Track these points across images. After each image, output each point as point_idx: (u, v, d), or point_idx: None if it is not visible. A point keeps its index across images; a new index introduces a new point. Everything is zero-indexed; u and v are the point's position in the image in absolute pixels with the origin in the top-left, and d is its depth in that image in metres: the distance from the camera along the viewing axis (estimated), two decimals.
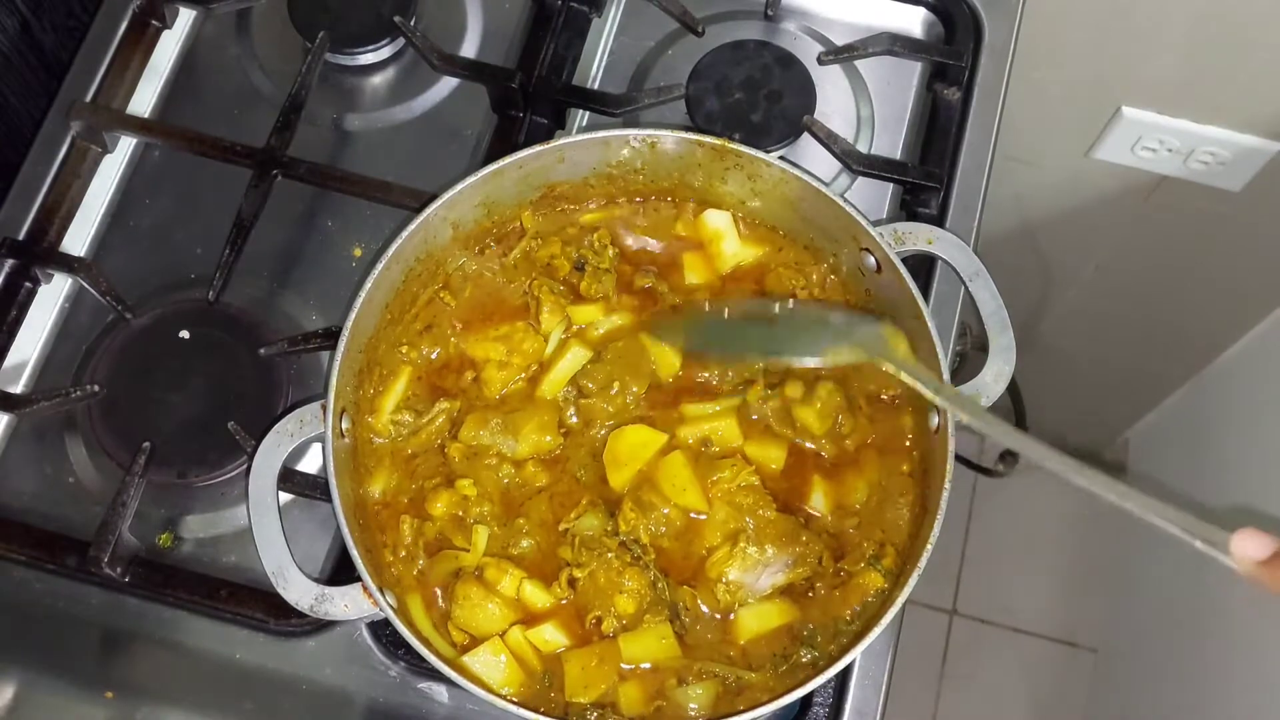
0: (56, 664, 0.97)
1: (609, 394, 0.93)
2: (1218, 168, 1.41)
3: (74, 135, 1.10)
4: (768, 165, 0.93)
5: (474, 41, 1.17)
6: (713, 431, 0.92)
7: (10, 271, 1.06)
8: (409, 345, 0.96)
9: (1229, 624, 1.59)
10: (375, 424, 0.94)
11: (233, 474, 0.99)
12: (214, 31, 1.18)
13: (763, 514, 0.89)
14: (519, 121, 1.11)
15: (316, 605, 0.85)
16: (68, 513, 1.00)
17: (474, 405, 0.94)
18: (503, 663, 0.85)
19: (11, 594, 0.98)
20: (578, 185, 0.98)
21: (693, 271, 0.99)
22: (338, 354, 0.87)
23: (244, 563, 0.99)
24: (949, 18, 1.16)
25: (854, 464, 0.93)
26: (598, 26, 1.17)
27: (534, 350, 0.95)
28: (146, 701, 0.96)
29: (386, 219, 1.07)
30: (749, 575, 0.88)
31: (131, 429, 0.99)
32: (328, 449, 0.86)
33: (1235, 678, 1.52)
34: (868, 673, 0.95)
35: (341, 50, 1.13)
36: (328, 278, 1.08)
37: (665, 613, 0.87)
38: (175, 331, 1.03)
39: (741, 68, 1.10)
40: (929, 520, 0.84)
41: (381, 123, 1.15)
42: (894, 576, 0.87)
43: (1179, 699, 1.69)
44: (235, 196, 1.05)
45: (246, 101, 1.14)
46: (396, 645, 0.96)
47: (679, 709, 0.85)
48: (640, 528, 0.89)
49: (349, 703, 0.96)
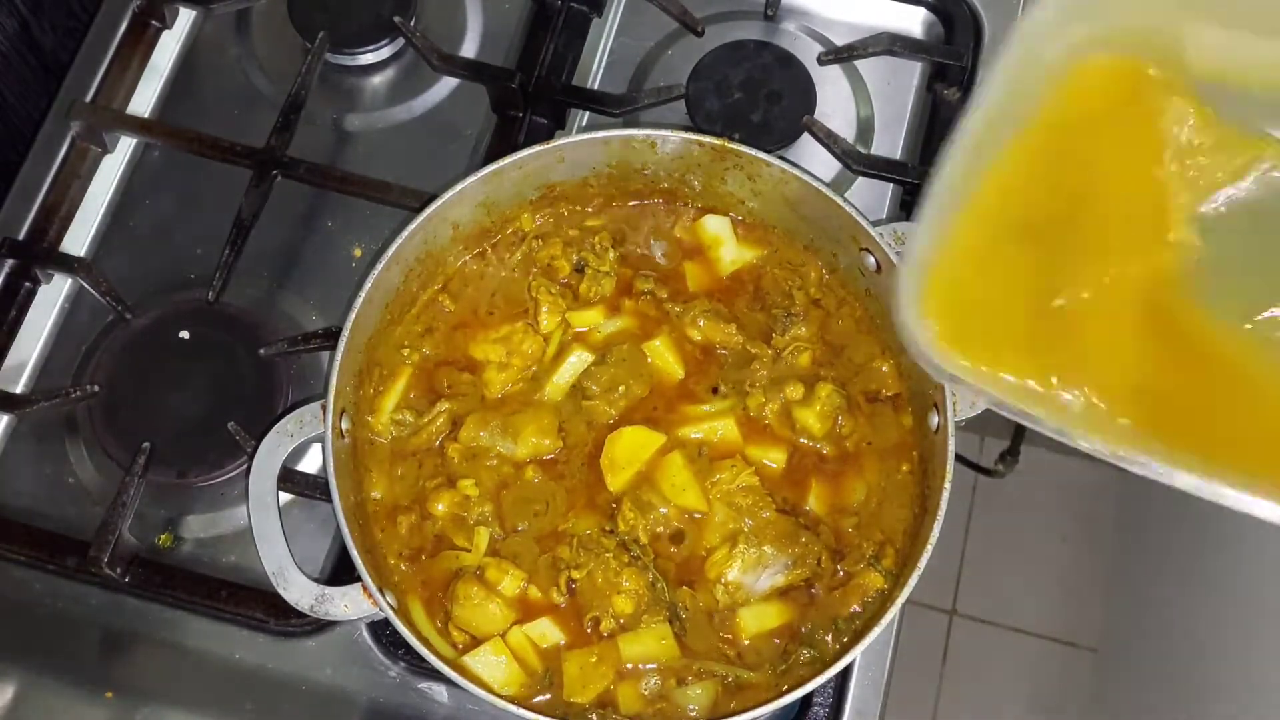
0: (56, 664, 0.97)
1: (612, 396, 0.93)
2: None
3: (74, 135, 1.10)
4: (767, 165, 0.93)
5: (474, 41, 1.17)
6: (712, 432, 0.92)
7: (10, 271, 1.06)
8: (409, 345, 0.96)
9: (1229, 624, 1.59)
10: (375, 424, 0.94)
11: (233, 474, 0.99)
12: (214, 31, 1.18)
13: (762, 515, 0.89)
14: (519, 121, 1.11)
15: (316, 605, 0.85)
16: (68, 513, 1.00)
17: (474, 406, 0.94)
18: (503, 663, 0.85)
19: (11, 594, 0.98)
20: (578, 185, 0.98)
21: (692, 276, 0.99)
22: (338, 354, 0.87)
23: (244, 563, 0.99)
24: (949, 18, 1.16)
25: (854, 464, 0.93)
26: (598, 26, 1.17)
27: (533, 351, 0.95)
28: (146, 701, 0.96)
29: (386, 219, 1.07)
30: (748, 576, 0.88)
31: (131, 429, 0.99)
32: (328, 449, 0.86)
33: (1235, 678, 1.52)
34: (868, 673, 0.95)
35: (341, 50, 1.13)
36: (328, 278, 1.08)
37: (664, 613, 0.87)
38: (175, 331, 1.03)
39: (741, 68, 1.10)
40: (929, 520, 0.84)
41: (381, 123, 1.15)
42: (894, 576, 0.87)
43: (1179, 699, 1.69)
44: (235, 196, 1.05)
45: (246, 101, 1.14)
46: (396, 645, 0.96)
47: (679, 709, 0.85)
48: (640, 528, 0.89)
49: (349, 703, 0.96)
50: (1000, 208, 0.75)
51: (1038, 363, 0.73)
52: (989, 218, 0.75)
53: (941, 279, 0.75)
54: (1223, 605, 1.61)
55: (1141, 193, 0.74)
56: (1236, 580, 1.58)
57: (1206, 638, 1.63)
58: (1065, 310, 0.73)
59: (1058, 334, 0.73)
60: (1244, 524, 0.69)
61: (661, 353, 0.94)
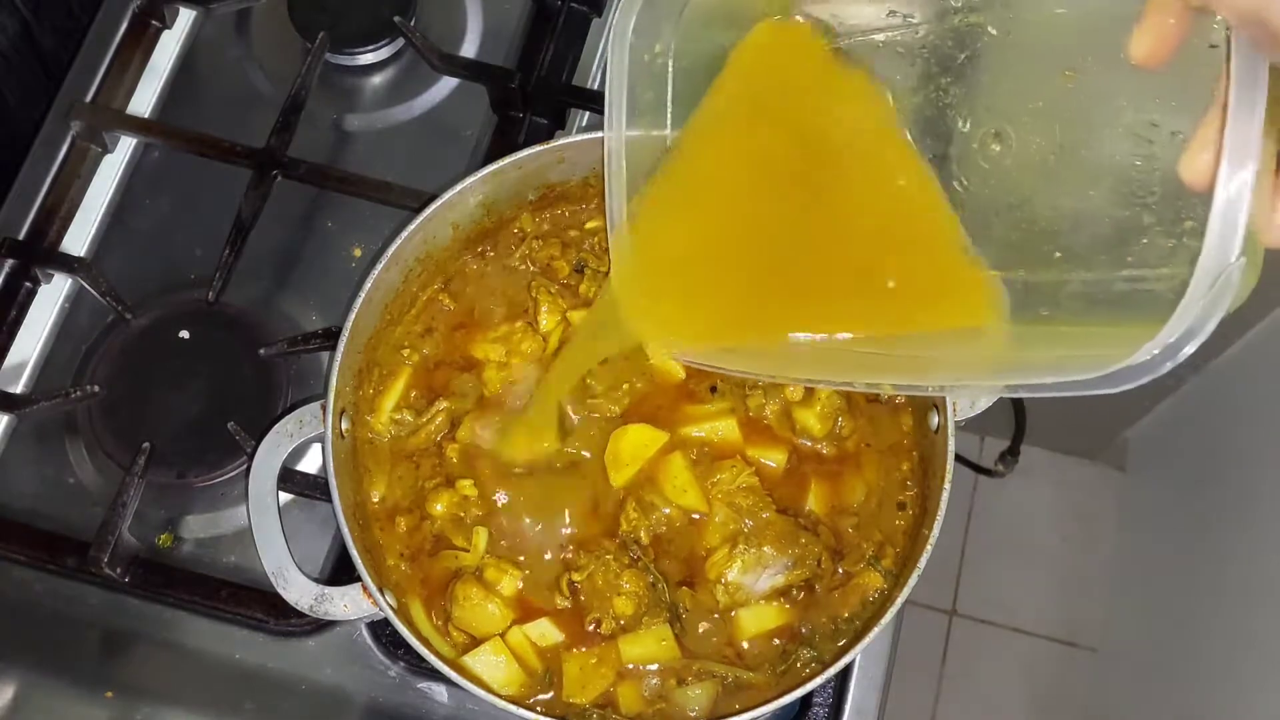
0: (56, 664, 0.97)
1: (615, 395, 0.93)
2: None
3: (74, 135, 1.10)
4: None
5: (474, 41, 1.17)
6: (713, 432, 0.92)
7: (10, 271, 1.06)
8: (409, 345, 0.96)
9: (1229, 624, 1.59)
10: (375, 424, 0.94)
11: (233, 474, 0.99)
12: (214, 31, 1.18)
13: (762, 515, 0.89)
14: (519, 121, 1.11)
15: (316, 605, 0.85)
16: (68, 513, 1.00)
17: (473, 405, 0.94)
18: (503, 663, 0.85)
19: (11, 594, 0.98)
20: (577, 185, 0.98)
21: None
22: (337, 354, 0.87)
23: (244, 563, 0.99)
24: None
25: (853, 465, 0.93)
26: (598, 26, 1.17)
27: (533, 351, 0.95)
28: (146, 701, 0.96)
29: (386, 219, 1.07)
30: (748, 576, 0.88)
31: (131, 429, 0.99)
32: (328, 449, 0.86)
33: (1235, 678, 1.52)
34: (868, 673, 0.95)
35: (341, 50, 1.13)
36: (328, 278, 1.08)
37: (665, 614, 0.87)
38: (175, 331, 1.03)
39: None
40: (929, 520, 0.84)
41: (381, 123, 1.15)
42: (893, 577, 0.87)
43: (1179, 699, 1.69)
44: (235, 196, 1.05)
45: (246, 101, 1.14)
46: (396, 645, 0.96)
47: (679, 709, 0.85)
48: (641, 529, 0.89)
49: (349, 703, 0.96)
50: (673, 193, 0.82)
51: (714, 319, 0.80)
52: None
53: (640, 285, 0.82)
54: (1223, 605, 1.62)
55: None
56: (1236, 580, 1.58)
57: (1206, 638, 1.63)
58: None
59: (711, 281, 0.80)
60: (1244, 524, 0.69)
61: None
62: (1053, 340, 0.70)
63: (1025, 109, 0.71)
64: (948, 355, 0.75)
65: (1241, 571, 1.56)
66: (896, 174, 0.76)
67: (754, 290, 0.81)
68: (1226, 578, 1.61)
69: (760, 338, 0.80)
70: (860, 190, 0.78)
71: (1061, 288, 0.69)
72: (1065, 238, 0.69)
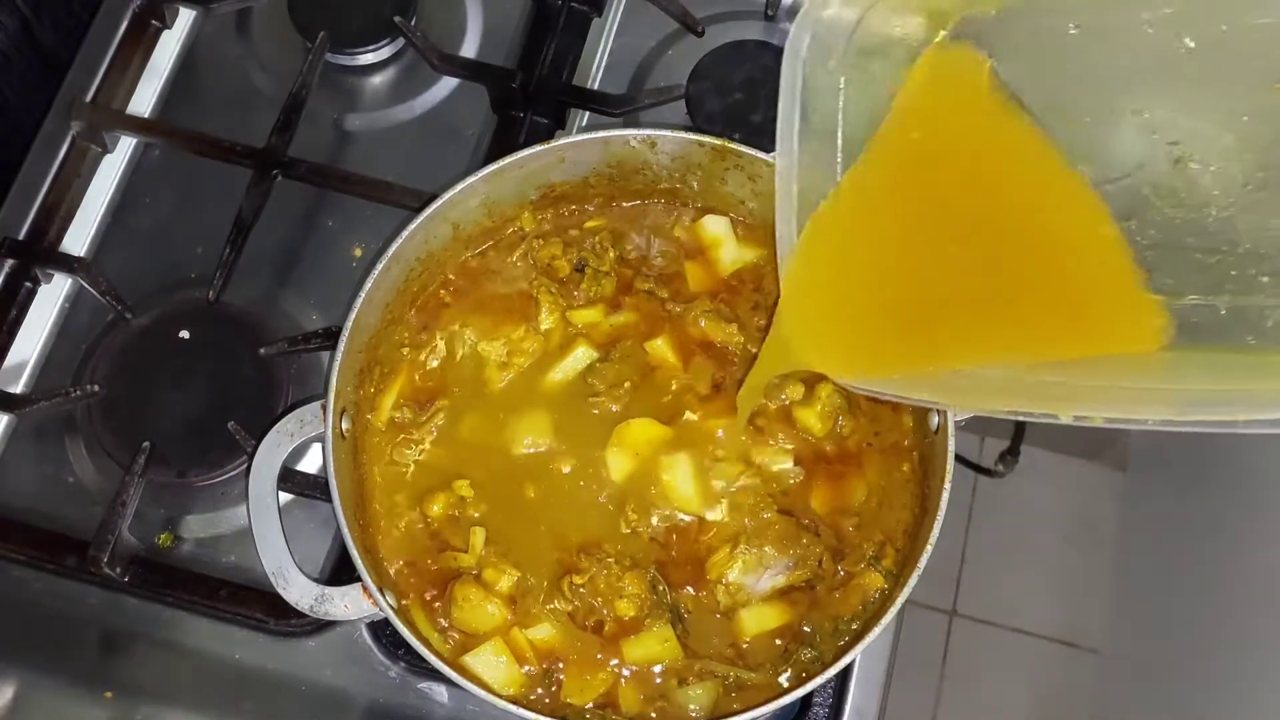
0: (56, 664, 0.97)
1: (617, 393, 0.93)
2: None
3: (74, 135, 1.10)
4: (768, 165, 0.93)
5: (474, 41, 1.17)
6: (714, 432, 0.92)
7: (10, 271, 1.06)
8: (409, 345, 0.96)
9: (1230, 625, 1.59)
10: (375, 423, 0.93)
11: (233, 474, 0.99)
12: (214, 31, 1.18)
13: (763, 515, 0.89)
14: (519, 121, 1.11)
15: (316, 605, 0.85)
16: (68, 513, 1.00)
17: (472, 404, 0.94)
18: (503, 663, 0.85)
19: (11, 594, 0.98)
20: (578, 185, 0.98)
21: (693, 277, 0.98)
22: (338, 354, 0.87)
23: (244, 563, 0.99)
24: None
25: (854, 465, 0.93)
26: (598, 26, 1.17)
27: (534, 350, 0.95)
28: (146, 701, 0.96)
29: (386, 219, 1.07)
30: (749, 577, 0.88)
31: (131, 429, 0.99)
32: (328, 449, 0.86)
33: (1236, 678, 1.52)
34: (868, 673, 0.95)
35: (341, 50, 1.13)
36: (328, 278, 1.08)
37: (666, 615, 0.87)
38: (175, 331, 1.03)
39: (741, 68, 1.10)
40: (929, 520, 0.84)
41: (381, 123, 1.15)
42: (894, 577, 0.87)
43: (1180, 700, 1.69)
44: (235, 196, 1.05)
45: (246, 101, 1.14)
46: (396, 645, 0.96)
47: (679, 709, 0.85)
48: (642, 529, 0.89)
49: (349, 703, 0.96)
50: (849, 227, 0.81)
51: (916, 351, 0.77)
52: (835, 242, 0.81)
53: (814, 314, 0.81)
54: (1224, 605, 1.61)
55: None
56: (1238, 581, 1.58)
57: (1207, 638, 1.63)
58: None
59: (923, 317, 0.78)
60: (1246, 524, 0.69)
61: (663, 351, 0.94)
62: (1221, 371, 0.67)
63: (1229, 125, 0.68)
64: (1123, 384, 0.71)
65: (1243, 572, 1.56)
66: (1060, 201, 0.75)
67: (923, 321, 0.79)
68: (1228, 578, 1.61)
69: (930, 367, 0.79)
70: (1025, 220, 0.77)
71: (1270, 313, 0.65)
72: (1274, 261, 0.65)
